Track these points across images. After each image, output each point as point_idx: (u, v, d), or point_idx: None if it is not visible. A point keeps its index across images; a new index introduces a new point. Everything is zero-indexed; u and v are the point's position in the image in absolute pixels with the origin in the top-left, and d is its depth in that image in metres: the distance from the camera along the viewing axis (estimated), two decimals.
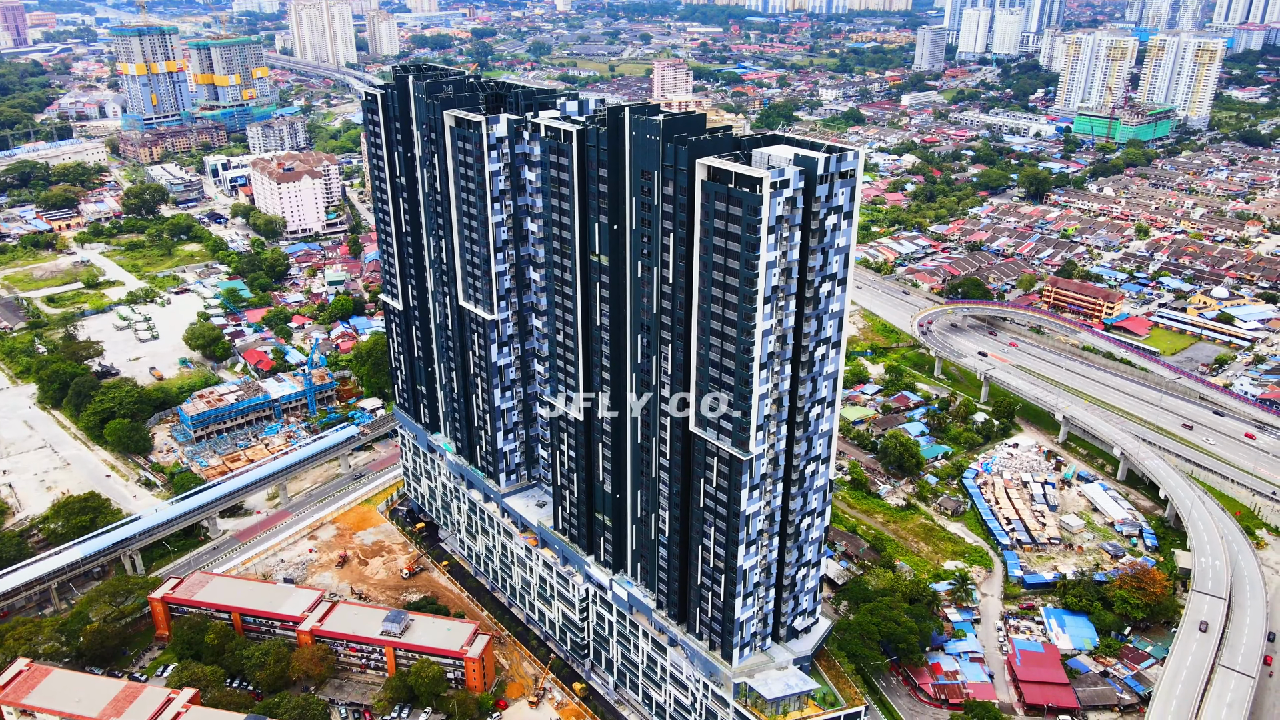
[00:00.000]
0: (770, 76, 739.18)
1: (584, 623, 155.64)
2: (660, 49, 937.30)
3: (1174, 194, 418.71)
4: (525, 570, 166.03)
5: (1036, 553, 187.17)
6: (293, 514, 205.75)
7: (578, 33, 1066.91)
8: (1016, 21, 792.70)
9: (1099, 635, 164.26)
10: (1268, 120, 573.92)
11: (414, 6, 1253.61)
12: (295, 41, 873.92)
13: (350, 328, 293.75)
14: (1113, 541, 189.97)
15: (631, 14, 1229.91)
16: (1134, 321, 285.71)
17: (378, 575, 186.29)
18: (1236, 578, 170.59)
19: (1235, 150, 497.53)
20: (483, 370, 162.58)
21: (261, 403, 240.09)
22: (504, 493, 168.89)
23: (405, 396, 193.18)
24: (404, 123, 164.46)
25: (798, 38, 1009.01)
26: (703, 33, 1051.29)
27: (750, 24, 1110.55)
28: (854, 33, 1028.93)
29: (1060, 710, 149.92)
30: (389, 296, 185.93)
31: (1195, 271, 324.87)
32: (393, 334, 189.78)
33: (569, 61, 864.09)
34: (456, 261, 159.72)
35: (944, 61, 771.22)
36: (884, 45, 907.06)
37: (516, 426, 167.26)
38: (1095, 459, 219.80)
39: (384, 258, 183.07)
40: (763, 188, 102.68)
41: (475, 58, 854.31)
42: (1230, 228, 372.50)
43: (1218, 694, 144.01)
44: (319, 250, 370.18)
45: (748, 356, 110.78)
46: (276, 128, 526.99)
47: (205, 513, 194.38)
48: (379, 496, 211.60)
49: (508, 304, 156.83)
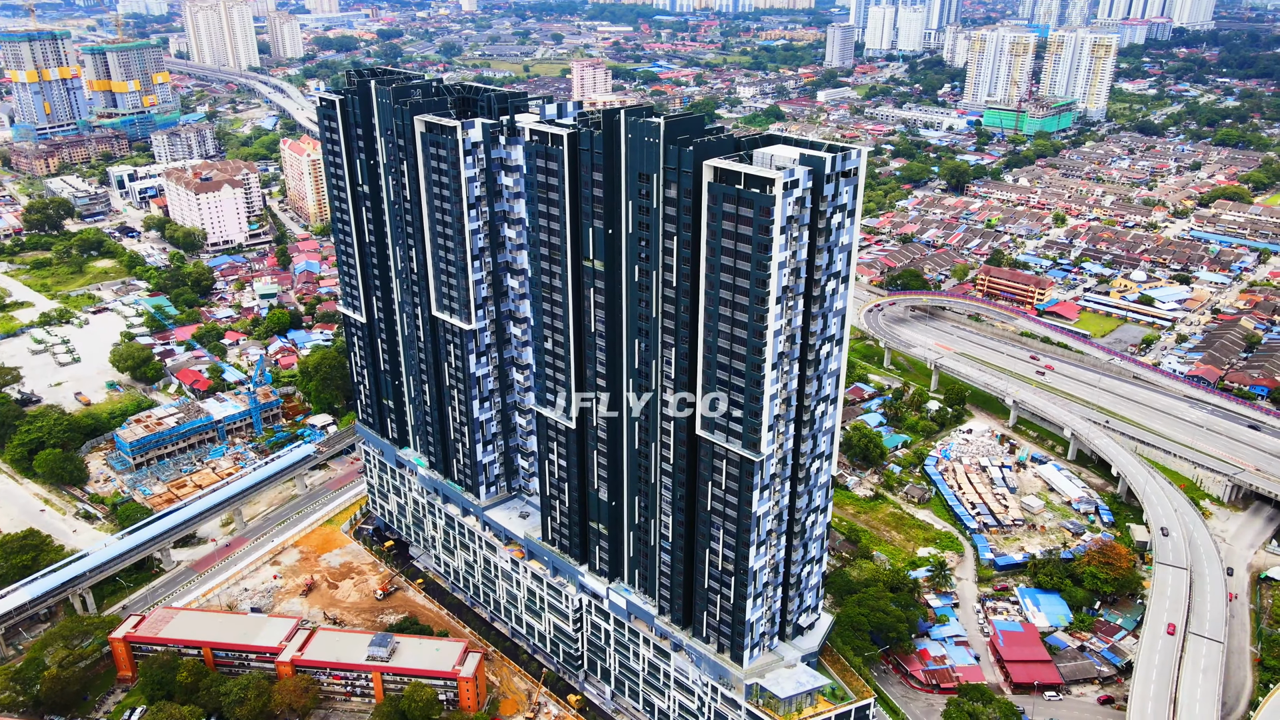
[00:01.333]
0: (687, 75, 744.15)
1: (578, 633, 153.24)
2: (573, 49, 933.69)
3: (1084, 183, 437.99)
4: (511, 584, 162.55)
5: (1003, 535, 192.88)
6: (251, 540, 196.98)
7: (487, 33, 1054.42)
8: (919, 19, 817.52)
9: (1072, 611, 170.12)
10: (1158, 111, 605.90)
11: (313, 7, 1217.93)
12: (192, 45, 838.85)
13: (289, 342, 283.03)
14: (1072, 520, 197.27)
15: (540, 14, 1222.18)
16: (1064, 306, 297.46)
17: (350, 598, 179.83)
18: (1193, 548, 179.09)
19: (1133, 140, 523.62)
20: (459, 381, 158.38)
21: (204, 425, 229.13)
22: (485, 506, 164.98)
23: (369, 412, 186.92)
24: (366, 129, 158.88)
25: (708, 36, 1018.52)
26: (613, 32, 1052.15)
27: (660, 23, 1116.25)
28: (762, 30, 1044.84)
29: (1045, 687, 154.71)
30: (349, 309, 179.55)
31: (1113, 256, 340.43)
32: (354, 347, 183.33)
33: (482, 62, 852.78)
34: (429, 271, 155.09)
35: (854, 58, 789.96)
36: (794, 43, 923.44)
37: (495, 437, 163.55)
38: (1045, 440, 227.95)
39: (344, 269, 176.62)
40: (775, 188, 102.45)
41: (384, 59, 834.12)
42: (1139, 214, 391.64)
43: (1192, 660, 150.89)
44: (244, 263, 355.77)
45: (759, 357, 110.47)
46: (183, 135, 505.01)
47: (158, 544, 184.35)
48: (341, 516, 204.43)
49: (485, 312, 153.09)
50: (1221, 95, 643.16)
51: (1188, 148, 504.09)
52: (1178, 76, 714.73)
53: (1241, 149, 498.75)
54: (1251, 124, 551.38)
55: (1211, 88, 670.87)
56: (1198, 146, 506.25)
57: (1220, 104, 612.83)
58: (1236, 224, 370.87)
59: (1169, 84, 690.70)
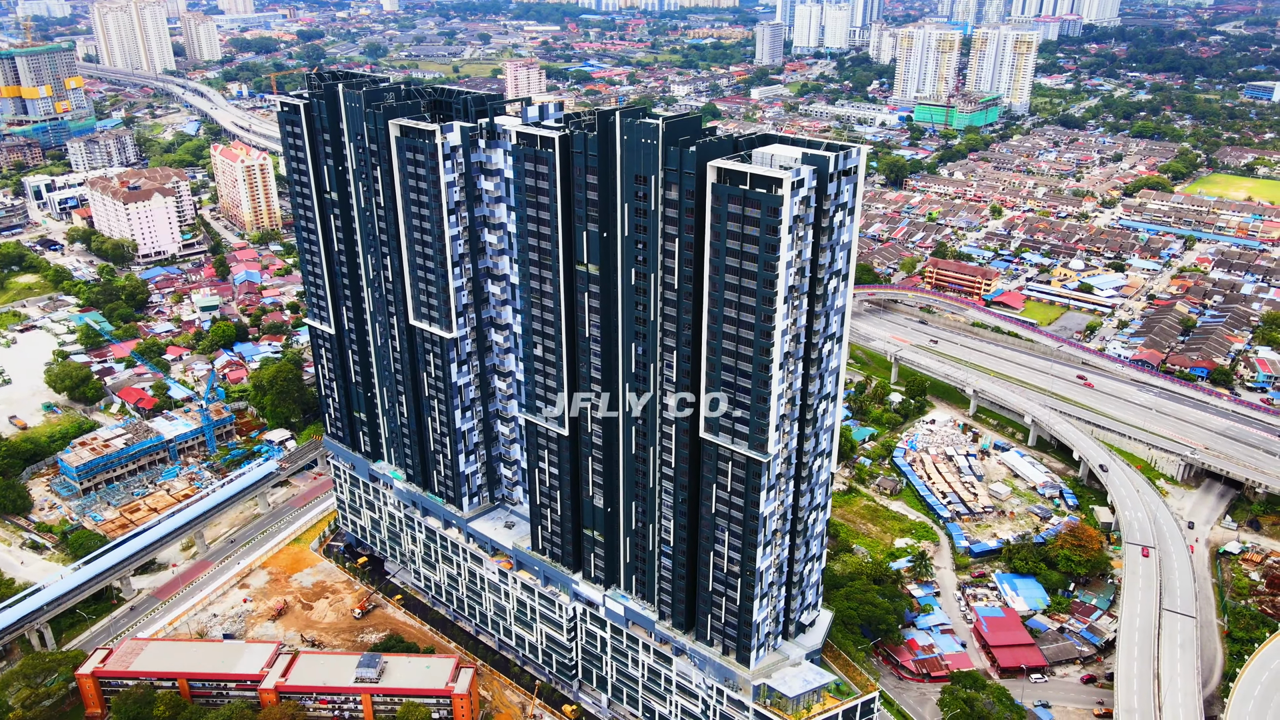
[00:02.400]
0: (620, 74, 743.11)
1: (572, 642, 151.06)
2: (501, 49, 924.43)
3: (1016, 175, 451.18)
4: (499, 595, 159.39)
5: (974, 522, 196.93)
6: (215, 563, 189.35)
7: (411, 33, 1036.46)
8: (845, 16, 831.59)
9: (1048, 594, 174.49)
10: (1077, 105, 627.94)
11: (226, 8, 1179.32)
12: (102, 48, 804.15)
13: (236, 356, 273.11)
14: (1039, 504, 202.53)
15: (464, 13, 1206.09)
16: (1009, 296, 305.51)
17: (326, 619, 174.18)
18: (1157, 527, 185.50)
19: (1057, 133, 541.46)
20: (440, 391, 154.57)
21: (155, 445, 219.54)
22: (468, 517, 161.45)
23: (339, 425, 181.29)
24: (334, 134, 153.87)
25: (636, 35, 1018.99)
26: (541, 31, 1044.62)
27: (587, 22, 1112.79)
28: (690, 29, 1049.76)
29: (1030, 669, 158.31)
30: (316, 320, 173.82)
31: (1051, 246, 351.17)
32: (322, 359, 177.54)
33: (409, 63, 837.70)
34: (406, 279, 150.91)
35: (783, 56, 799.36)
36: (722, 41, 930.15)
37: (477, 447, 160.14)
38: (1005, 428, 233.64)
39: (309, 280, 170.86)
40: (783, 188, 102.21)
41: (307, 61, 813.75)
42: (1070, 204, 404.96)
43: (1169, 636, 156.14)
44: (179, 274, 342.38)
45: (766, 358, 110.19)
46: (102, 142, 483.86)
47: (118, 572, 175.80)
48: (309, 534, 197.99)
49: (465, 320, 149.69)
50: (1134, 89, 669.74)
51: (1108, 140, 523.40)
52: (1091, 71, 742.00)
53: (1158, 140, 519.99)
54: (1164, 116, 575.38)
55: (1124, 82, 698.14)
56: (1117, 139, 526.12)
57: (1133, 97, 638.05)
58: (1161, 213, 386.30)
59: (1084, 79, 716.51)
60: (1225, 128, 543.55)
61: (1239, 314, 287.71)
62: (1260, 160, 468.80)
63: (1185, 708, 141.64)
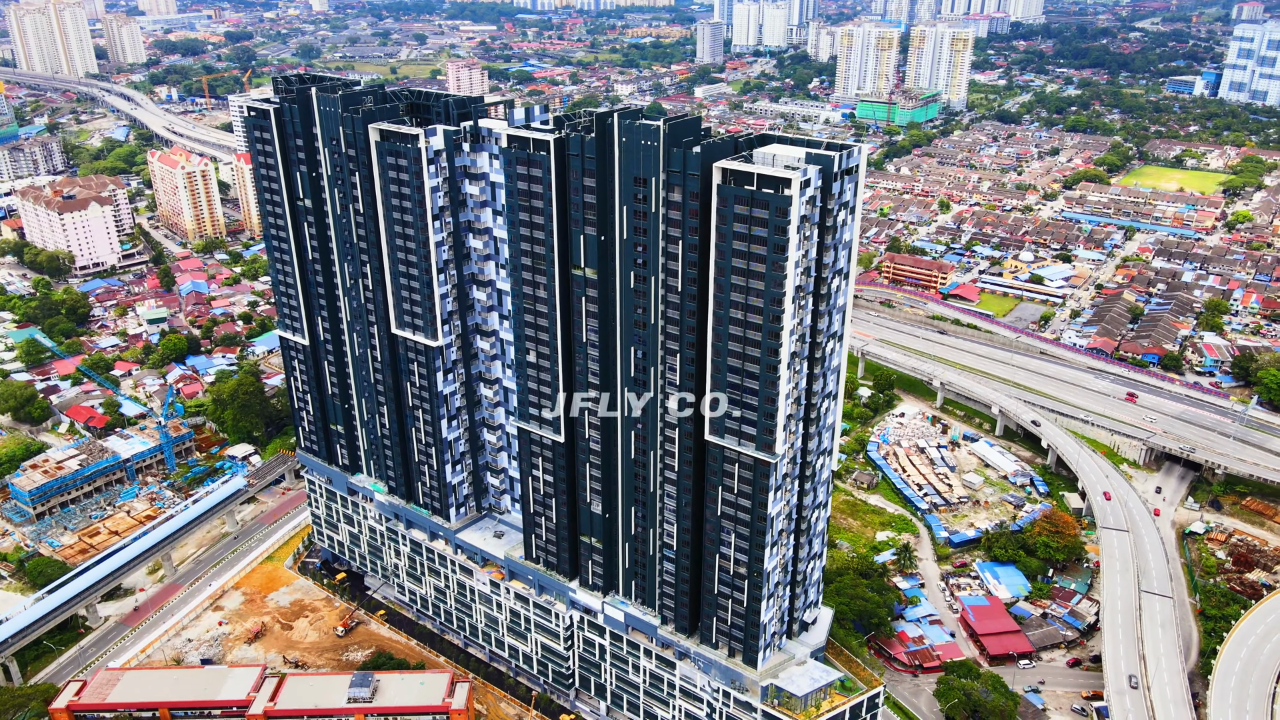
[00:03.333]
0: (562, 74, 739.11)
1: (569, 651, 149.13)
2: (439, 49, 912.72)
3: (960, 170, 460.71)
4: (491, 606, 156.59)
5: (951, 513, 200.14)
6: (185, 586, 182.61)
7: (344, 34, 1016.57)
8: (783, 15, 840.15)
9: (1029, 581, 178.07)
10: (1011, 100, 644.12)
11: (148, 9, 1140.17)
12: (19, 51, 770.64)
13: (190, 369, 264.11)
14: (1011, 493, 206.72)
15: (397, 13, 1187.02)
16: (965, 289, 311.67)
17: (308, 638, 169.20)
18: (1128, 510, 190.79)
19: (995, 128, 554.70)
20: (425, 401, 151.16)
21: (111, 465, 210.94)
22: (456, 529, 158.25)
23: (314, 439, 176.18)
24: (307, 139, 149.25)
25: (575, 34, 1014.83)
26: (478, 31, 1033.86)
27: (524, 22, 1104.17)
28: (628, 28, 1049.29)
29: (1018, 656, 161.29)
30: (289, 331, 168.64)
31: (1000, 239, 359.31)
32: (295, 372, 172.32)
33: (345, 64, 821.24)
34: (387, 287, 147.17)
35: (723, 54, 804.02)
36: (661, 40, 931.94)
37: (464, 457, 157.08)
38: (973, 419, 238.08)
39: (281, 290, 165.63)
40: (792, 188, 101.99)
41: (237, 63, 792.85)
42: (1014, 198, 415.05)
43: (1149, 616, 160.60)
44: (121, 286, 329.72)
45: (774, 359, 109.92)
46: (27, 150, 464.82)
47: (84, 600, 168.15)
48: (282, 551, 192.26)
49: (451, 328, 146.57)
50: (1063, 85, 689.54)
51: (1044, 134, 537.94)
52: (1022, 68, 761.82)
53: (1090, 134, 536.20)
54: (1095, 111, 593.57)
55: (1053, 78, 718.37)
56: (1053, 133, 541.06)
57: (1063, 93, 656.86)
58: (1101, 204, 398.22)
59: (1016, 75, 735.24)
60: (1152, 121, 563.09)
61: (1183, 301, 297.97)
62: (1188, 152, 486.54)
63: (1171, 686, 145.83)
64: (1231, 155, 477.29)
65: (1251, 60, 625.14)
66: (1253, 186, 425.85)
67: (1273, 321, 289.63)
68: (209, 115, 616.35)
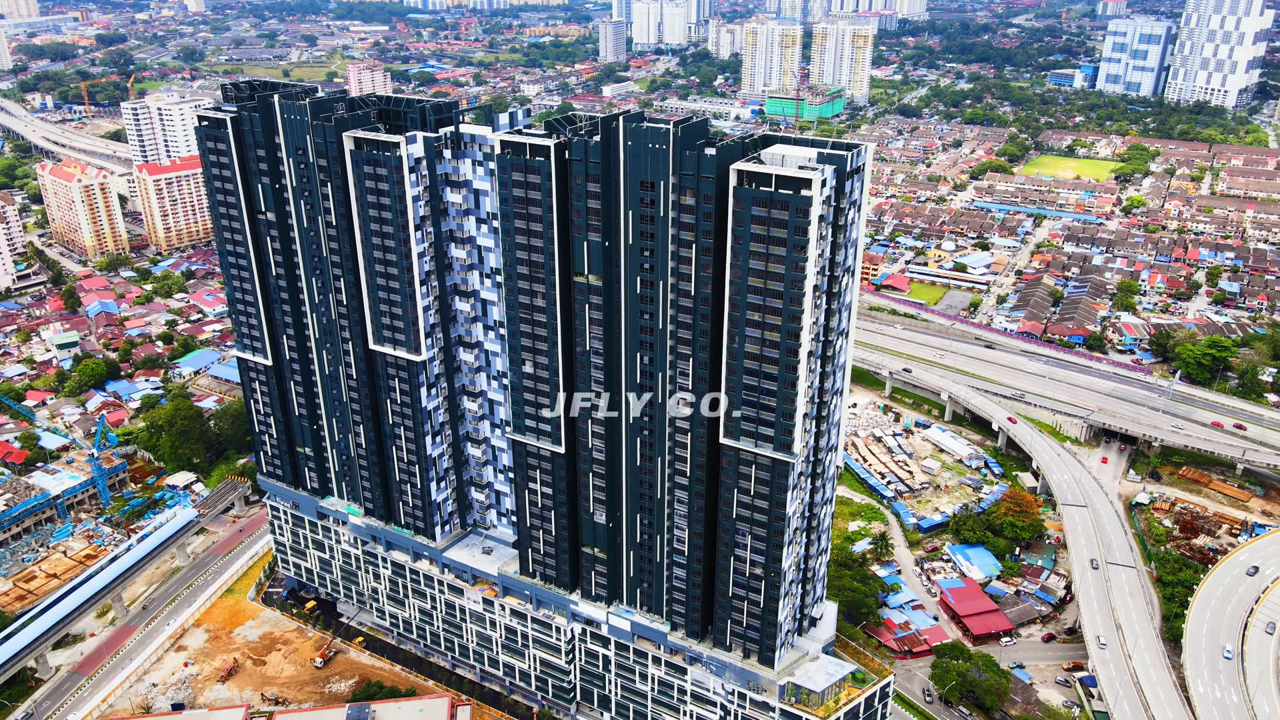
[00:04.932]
0: (464, 74, 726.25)
1: (570, 665, 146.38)
2: (331, 50, 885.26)
3: (873, 164, 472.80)
4: (484, 625, 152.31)
5: (916, 499, 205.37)
6: (140, 627, 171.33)
7: (227, 35, 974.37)
8: (683, 13, 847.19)
9: (999, 560, 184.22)
10: (909, 95, 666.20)
11: (7, 12, 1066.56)
12: None
13: (111, 395, 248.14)
14: (969, 476, 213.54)
15: (280, 13, 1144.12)
16: (895, 279, 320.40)
17: (285, 672, 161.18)
18: (1082, 486, 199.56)
19: (899, 122, 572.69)
20: (406, 418, 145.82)
21: (41, 502, 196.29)
22: (442, 547, 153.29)
23: (278, 463, 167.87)
24: (269, 149, 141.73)
25: (471, 34, 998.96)
26: (369, 31, 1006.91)
27: (417, 21, 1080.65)
28: (525, 27, 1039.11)
29: (1000, 634, 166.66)
30: (249, 351, 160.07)
31: (921, 230, 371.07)
32: (256, 394, 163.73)
33: (232, 67, 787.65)
34: (364, 301, 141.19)
35: (626, 53, 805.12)
36: (561, 39, 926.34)
37: (447, 473, 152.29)
38: (921, 405, 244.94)
39: (239, 309, 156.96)
40: (812, 188, 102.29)
41: (114, 68, 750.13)
42: (927, 189, 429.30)
43: (1118, 587, 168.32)
44: (20, 309, 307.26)
45: (794, 359, 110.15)
46: None
47: (34, 651, 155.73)
48: (243, 583, 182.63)
49: (434, 341, 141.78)
50: (955, 79, 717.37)
51: (945, 127, 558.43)
52: (914, 63, 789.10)
53: (987, 126, 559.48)
54: (988, 104, 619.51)
55: (945, 72, 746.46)
56: (953, 126, 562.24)
57: (956, 86, 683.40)
58: (1009, 193, 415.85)
59: (909, 70, 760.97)
60: (1041, 113, 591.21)
61: (1097, 284, 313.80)
62: (1078, 142, 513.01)
63: (1150, 652, 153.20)
64: (1118, 144, 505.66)
65: (1125, 54, 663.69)
66: (1141, 173, 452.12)
67: (1178, 300, 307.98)
68: (91, 124, 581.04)
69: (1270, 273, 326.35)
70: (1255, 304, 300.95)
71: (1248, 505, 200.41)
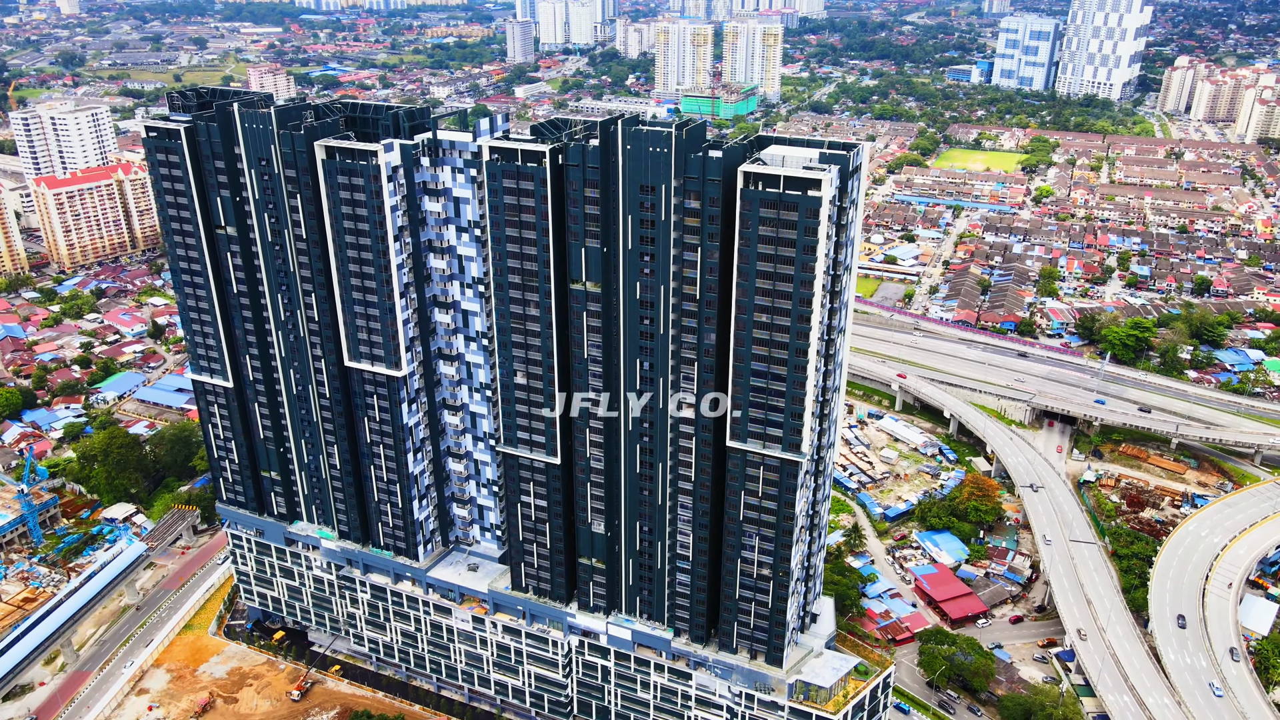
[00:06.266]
0: (368, 76, 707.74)
1: (568, 678, 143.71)
2: (223, 53, 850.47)
3: None
4: (473, 644, 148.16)
5: (878, 489, 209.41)
6: (94, 672, 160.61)
7: (108, 39, 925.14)
8: (589, 13, 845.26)
9: (965, 544, 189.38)
10: (818, 91, 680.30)
11: None
12: None
13: (30, 426, 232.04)
14: (926, 464, 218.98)
15: (162, 15, 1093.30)
16: None
17: (261, 708, 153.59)
18: (1035, 468, 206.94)
19: (813, 119, 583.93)
20: (386, 435, 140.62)
21: None
22: (426, 567, 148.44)
23: (239, 490, 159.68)
24: (229, 161, 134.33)
25: (370, 35, 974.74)
26: (262, 33, 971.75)
27: (312, 23, 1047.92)
28: (425, 28, 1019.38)
29: (976, 616, 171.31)
30: (206, 374, 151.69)
31: None
32: (214, 419, 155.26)
33: (117, 72, 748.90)
34: (339, 317, 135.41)
35: (534, 53, 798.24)
36: (465, 40, 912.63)
37: (429, 490, 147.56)
38: (871, 396, 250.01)
39: (194, 330, 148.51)
40: (822, 189, 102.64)
41: None
42: None
43: (1082, 563, 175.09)
44: None
45: (802, 359, 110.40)
46: None
47: None
48: (201, 617, 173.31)
49: (413, 355, 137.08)
50: (859, 75, 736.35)
51: (857, 122, 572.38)
52: (819, 61, 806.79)
53: (897, 121, 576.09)
54: (894, 99, 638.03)
55: (849, 69, 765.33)
56: (864, 121, 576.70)
57: (861, 83, 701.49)
58: (927, 186, 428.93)
59: (815, 67, 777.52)
60: (945, 108, 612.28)
61: (1020, 271, 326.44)
62: (984, 135, 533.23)
63: (1120, 624, 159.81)
64: (1021, 136, 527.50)
65: (1017, 50, 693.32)
66: (1045, 164, 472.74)
67: (1095, 284, 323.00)
68: None
69: (1174, 255, 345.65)
70: (1165, 286, 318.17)
71: (1184, 477, 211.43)
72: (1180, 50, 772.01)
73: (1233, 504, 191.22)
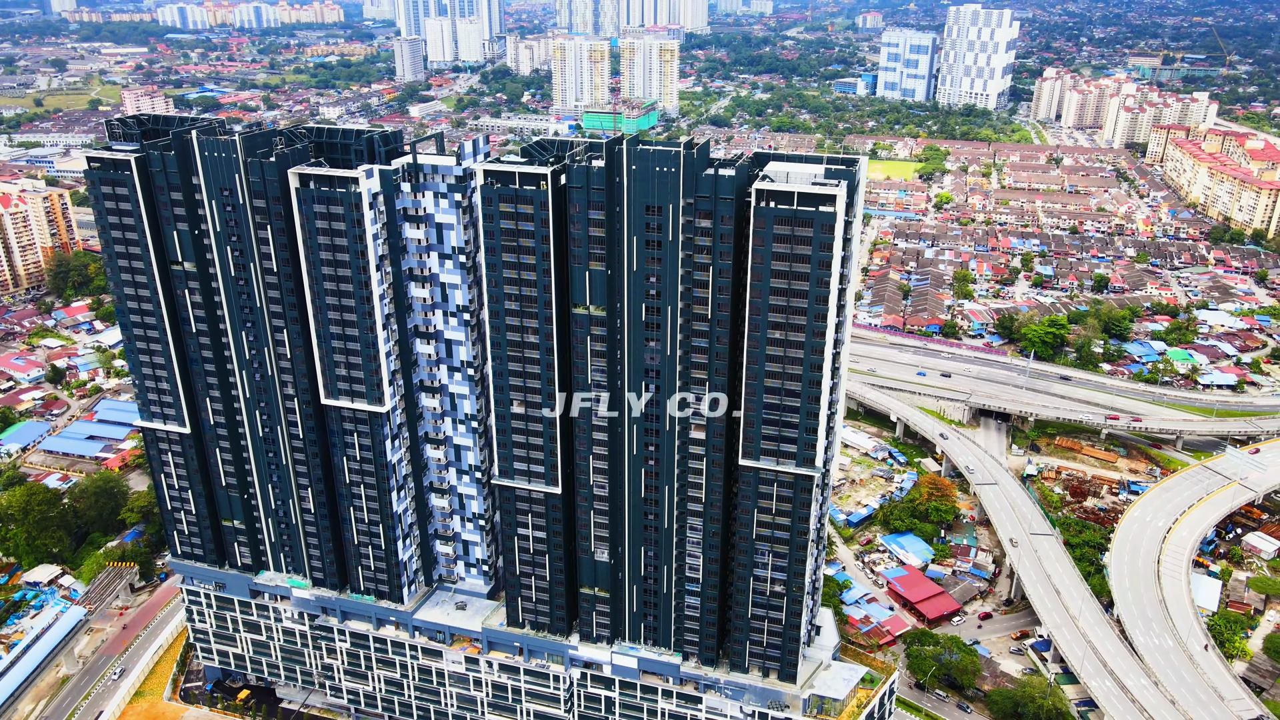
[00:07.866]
0: (253, 98, 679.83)
1: (569, 712, 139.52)
2: (86, 75, 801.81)
3: None
4: (466, 685, 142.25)
5: (837, 495, 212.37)
6: None
7: None
8: (478, 30, 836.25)
9: (929, 544, 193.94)
10: (714, 105, 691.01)
11: None
12: None
13: None
14: (878, 467, 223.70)
15: (11, 36, 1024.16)
16: None
17: None
18: (984, 465, 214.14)
19: (714, 132, 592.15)
20: (367, 475, 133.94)
21: None
22: (411, 609, 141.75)
23: (196, 542, 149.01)
24: (187, 192, 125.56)
25: (246, 54, 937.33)
26: (126, 54, 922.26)
27: (179, 43, 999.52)
28: (304, 46, 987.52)
29: (950, 615, 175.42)
30: (159, 420, 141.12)
31: None
32: (169, 468, 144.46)
33: None
34: (314, 353, 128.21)
35: (424, 71, 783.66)
36: (349, 58, 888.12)
37: (412, 529, 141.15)
38: None
39: (145, 374, 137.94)
40: (837, 204, 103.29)
41: None
42: None
43: (1045, 554, 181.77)
44: None
45: (817, 374, 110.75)
46: None
47: None
48: (152, 682, 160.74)
49: (395, 389, 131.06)
50: (751, 89, 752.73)
51: (756, 135, 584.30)
52: (710, 75, 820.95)
53: (794, 133, 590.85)
54: (788, 112, 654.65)
55: (740, 83, 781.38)
56: (763, 133, 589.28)
57: (754, 96, 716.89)
58: None
59: (707, 81, 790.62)
60: (838, 119, 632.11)
61: (935, 275, 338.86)
62: (879, 145, 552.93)
63: (1090, 611, 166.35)
64: (914, 145, 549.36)
65: (899, 63, 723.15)
66: (940, 171, 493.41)
67: (1004, 285, 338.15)
68: None
69: (1071, 255, 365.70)
70: (1068, 284, 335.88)
71: (1117, 466, 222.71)
72: (1041, 62, 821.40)
73: (1168, 489, 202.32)
